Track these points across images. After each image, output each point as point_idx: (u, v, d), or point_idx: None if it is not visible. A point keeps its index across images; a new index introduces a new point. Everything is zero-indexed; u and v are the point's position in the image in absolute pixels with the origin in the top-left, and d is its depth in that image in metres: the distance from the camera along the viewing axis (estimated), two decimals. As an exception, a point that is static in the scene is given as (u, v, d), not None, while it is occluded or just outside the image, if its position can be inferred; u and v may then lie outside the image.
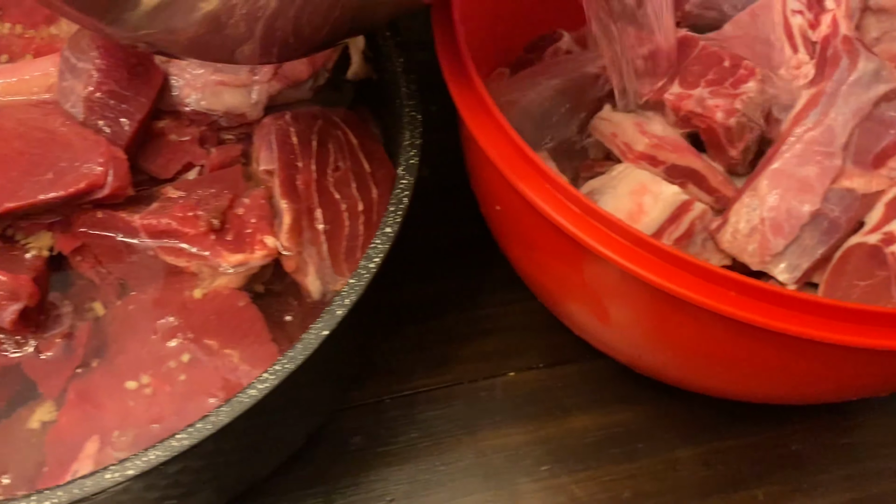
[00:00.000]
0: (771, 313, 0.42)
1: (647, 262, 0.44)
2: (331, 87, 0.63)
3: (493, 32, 0.70)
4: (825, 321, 0.42)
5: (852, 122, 0.56)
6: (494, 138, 0.49)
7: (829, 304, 0.42)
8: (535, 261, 0.57)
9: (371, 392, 0.69)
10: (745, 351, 0.48)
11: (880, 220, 0.57)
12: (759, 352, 0.48)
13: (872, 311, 0.41)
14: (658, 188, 0.53)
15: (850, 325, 0.42)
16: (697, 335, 0.49)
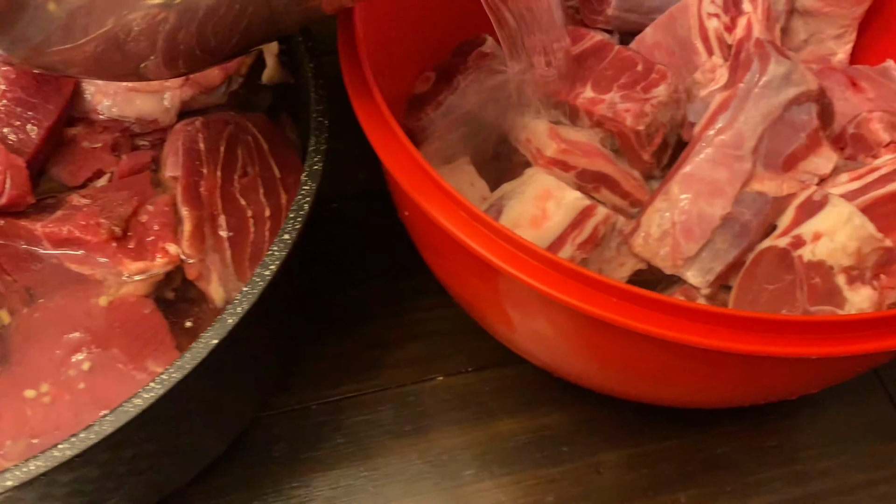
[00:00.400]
0: (665, 324, 0.42)
1: (543, 274, 0.44)
2: (249, 92, 0.63)
3: (420, 37, 0.70)
4: (715, 329, 0.42)
5: (762, 125, 0.56)
6: (394, 152, 0.49)
7: (716, 313, 0.42)
8: (442, 267, 0.57)
9: (297, 398, 0.69)
10: (646, 360, 0.48)
11: (790, 224, 0.56)
12: (661, 361, 0.48)
13: (762, 319, 0.41)
14: (561, 193, 0.53)
15: (738, 333, 0.41)
16: (595, 344, 0.49)
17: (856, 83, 0.68)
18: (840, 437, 0.69)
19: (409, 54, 0.71)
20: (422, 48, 0.71)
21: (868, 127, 0.62)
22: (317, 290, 0.72)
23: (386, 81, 0.66)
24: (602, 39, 0.62)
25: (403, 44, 0.69)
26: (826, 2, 0.69)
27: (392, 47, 0.66)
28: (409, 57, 0.71)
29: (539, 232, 0.53)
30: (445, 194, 0.45)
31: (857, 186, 0.57)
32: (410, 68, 0.71)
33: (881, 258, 0.56)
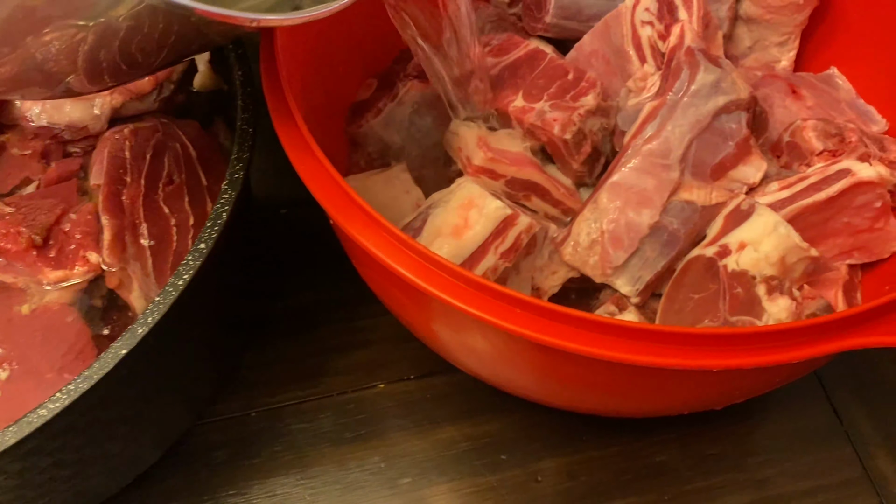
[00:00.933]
0: (565, 334, 0.42)
1: (453, 287, 0.44)
2: (185, 98, 0.63)
3: (362, 45, 0.70)
4: (614, 340, 0.42)
5: (689, 134, 0.56)
6: (311, 167, 0.48)
7: (614, 325, 0.41)
8: (367, 278, 0.57)
9: (238, 405, 0.69)
10: (557, 370, 0.48)
11: (718, 233, 0.56)
12: (572, 371, 0.48)
13: (656, 331, 0.41)
14: (483, 202, 0.53)
15: (634, 344, 0.41)
16: (510, 356, 0.49)
17: (796, 91, 0.67)
18: (782, 445, 0.68)
19: (354, 60, 0.71)
20: (367, 54, 0.71)
21: (802, 135, 0.62)
22: (261, 296, 0.72)
23: (330, 88, 0.67)
24: (536, 48, 0.62)
25: (347, 50, 0.69)
26: (767, 9, 0.69)
27: (335, 54, 0.66)
28: (354, 63, 0.71)
29: (460, 241, 0.53)
30: (359, 208, 0.45)
31: (787, 195, 0.57)
32: (357, 74, 0.71)
33: (808, 268, 0.56)
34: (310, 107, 0.62)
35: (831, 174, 0.56)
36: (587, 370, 0.46)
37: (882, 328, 0.42)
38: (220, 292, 0.57)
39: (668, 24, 0.62)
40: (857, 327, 0.42)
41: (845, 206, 0.57)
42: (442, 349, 0.57)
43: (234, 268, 0.59)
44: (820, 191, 0.56)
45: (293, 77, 0.57)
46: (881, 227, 0.59)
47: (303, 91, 0.59)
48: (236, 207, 0.52)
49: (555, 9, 0.65)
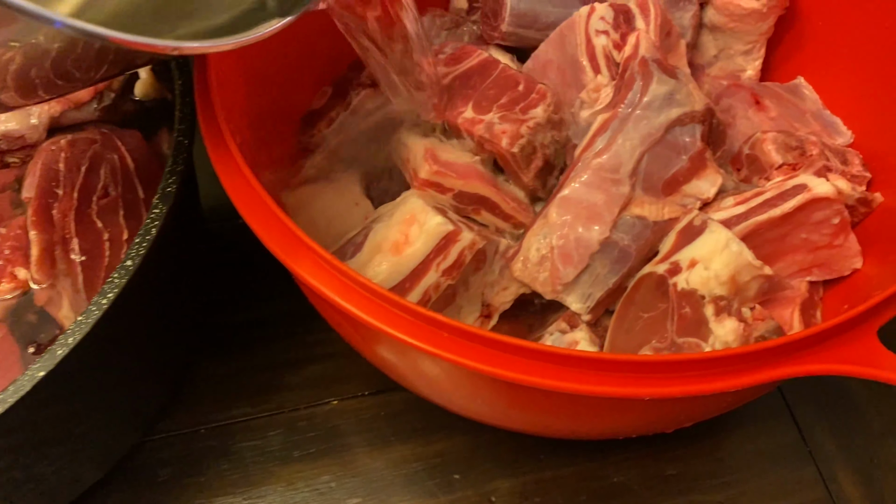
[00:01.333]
0: (486, 358, 0.40)
1: (385, 314, 0.42)
2: (130, 106, 0.62)
3: (316, 53, 0.68)
4: (541, 366, 0.40)
5: (640, 147, 0.55)
6: (246, 196, 0.46)
7: (543, 351, 0.40)
8: (308, 296, 0.55)
9: (187, 421, 0.67)
10: (493, 394, 0.47)
11: (670, 250, 0.55)
12: (506, 395, 0.46)
13: (579, 357, 0.39)
14: (424, 217, 0.51)
15: (562, 370, 0.40)
16: (442, 379, 0.47)
17: (760, 101, 0.66)
18: (744, 465, 0.66)
19: (310, 66, 0.69)
20: (323, 60, 0.70)
21: (761, 148, 0.60)
22: (211, 308, 0.71)
23: (284, 95, 0.65)
24: (487, 57, 0.60)
25: (303, 57, 0.67)
26: (730, 17, 0.67)
27: (290, 61, 0.64)
28: (310, 69, 0.69)
29: (400, 258, 0.51)
30: (290, 232, 0.44)
31: (742, 211, 0.55)
32: (312, 79, 0.69)
33: (763, 286, 0.54)
34: (259, 115, 0.60)
35: (787, 189, 0.55)
36: (522, 395, 0.45)
37: (822, 355, 0.40)
38: (156, 308, 0.55)
39: (624, 33, 0.60)
40: (795, 355, 0.40)
41: (802, 222, 0.55)
42: (385, 370, 0.56)
43: (173, 282, 0.57)
44: (775, 206, 0.54)
45: (237, 88, 0.55)
46: (840, 244, 0.57)
47: (249, 101, 0.58)
48: (168, 222, 0.50)
49: (510, 17, 0.64)
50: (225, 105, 0.49)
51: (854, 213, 0.60)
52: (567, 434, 0.58)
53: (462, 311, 0.59)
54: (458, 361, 0.40)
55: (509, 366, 0.40)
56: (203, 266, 0.64)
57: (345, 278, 0.42)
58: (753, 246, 0.55)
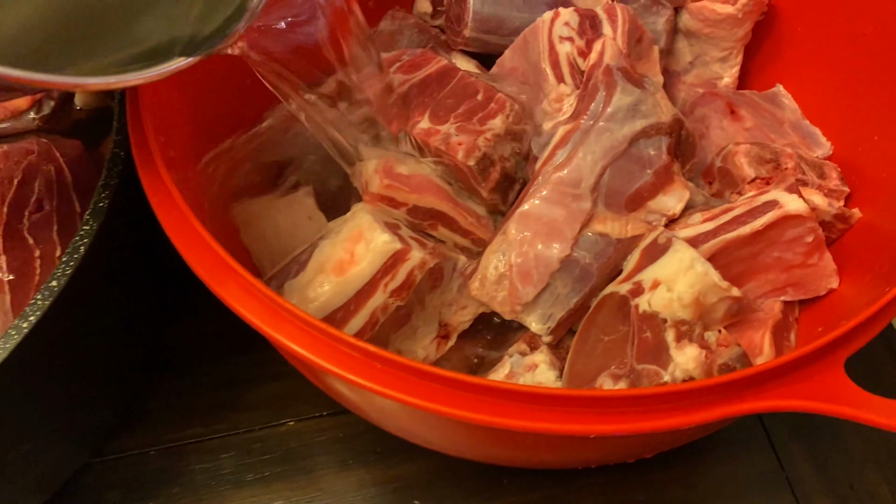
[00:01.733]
0: (421, 392, 0.37)
1: (313, 342, 0.39)
2: (85, 115, 0.59)
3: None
4: (476, 399, 0.37)
5: (602, 161, 0.52)
6: (174, 219, 0.44)
7: (477, 384, 0.37)
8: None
9: (137, 441, 0.64)
10: (437, 426, 0.44)
11: (633, 269, 0.52)
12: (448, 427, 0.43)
13: (519, 391, 0.36)
14: (371, 235, 0.48)
15: (499, 405, 0.37)
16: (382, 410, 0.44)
17: (735, 111, 0.63)
18: (717, 491, 0.63)
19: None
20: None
21: (733, 160, 0.57)
22: (163, 324, 0.68)
23: (236, 96, 0.62)
24: (447, 64, 0.57)
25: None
26: (705, 22, 0.64)
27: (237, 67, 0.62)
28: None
29: (344, 278, 0.48)
30: (212, 251, 0.41)
31: (710, 228, 0.52)
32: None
33: (731, 308, 0.51)
34: (208, 120, 0.57)
35: (757, 206, 0.52)
36: (471, 429, 0.42)
37: (783, 390, 0.37)
38: (94, 328, 0.53)
39: (589, 39, 0.58)
40: (753, 389, 0.37)
41: (774, 240, 0.52)
42: (335, 397, 0.53)
43: (111, 300, 0.54)
44: (745, 224, 0.51)
45: (176, 99, 0.52)
46: (815, 263, 0.54)
47: (193, 109, 0.55)
48: (100, 239, 0.48)
49: (473, 22, 0.61)
50: (159, 116, 0.47)
51: (831, 230, 0.57)
52: (524, 464, 0.55)
53: (418, 332, 0.56)
54: (391, 396, 0.37)
55: (448, 401, 0.37)
56: (150, 280, 0.61)
57: (272, 304, 0.39)
58: (723, 265, 0.53)
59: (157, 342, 0.66)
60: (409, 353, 0.56)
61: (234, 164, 0.61)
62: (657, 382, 0.45)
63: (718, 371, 0.46)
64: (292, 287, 0.48)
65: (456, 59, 0.65)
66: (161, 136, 0.46)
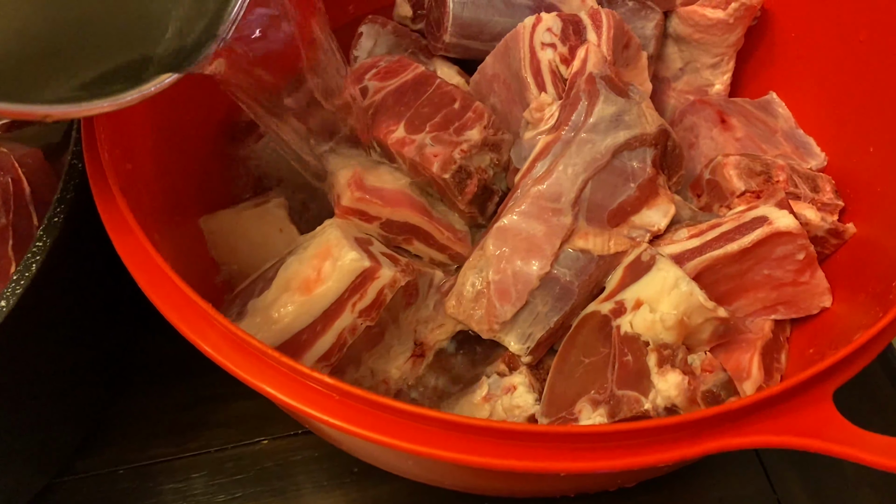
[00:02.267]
0: (367, 423, 0.35)
1: (264, 371, 0.37)
2: (32, 125, 0.57)
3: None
4: (422, 431, 0.35)
5: (584, 174, 0.49)
6: (125, 238, 0.41)
7: (424, 415, 0.35)
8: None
9: (104, 460, 0.62)
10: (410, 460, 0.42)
11: (615, 287, 0.49)
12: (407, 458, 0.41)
13: (464, 424, 0.34)
14: (339, 252, 0.46)
15: (445, 437, 0.34)
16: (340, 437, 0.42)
17: (726, 120, 0.60)
18: (706, 515, 0.61)
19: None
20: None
21: (722, 173, 0.54)
22: (132, 341, 0.65)
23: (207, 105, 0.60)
24: (423, 72, 0.55)
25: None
26: (696, 28, 0.62)
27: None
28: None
29: (309, 298, 0.46)
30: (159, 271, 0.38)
31: (696, 244, 0.50)
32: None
33: (718, 329, 0.49)
34: (177, 128, 0.55)
35: (746, 222, 0.49)
36: (434, 463, 0.39)
37: (767, 424, 0.35)
38: (50, 347, 0.50)
39: (573, 46, 0.55)
40: (736, 423, 0.35)
41: (764, 257, 0.50)
42: (300, 421, 0.51)
43: (69, 319, 0.52)
44: (733, 241, 0.49)
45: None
46: (806, 281, 0.51)
47: (154, 118, 0.53)
48: (54, 257, 0.45)
49: (453, 27, 0.59)
50: (115, 128, 0.45)
51: (824, 245, 0.54)
52: (501, 494, 0.53)
53: (392, 351, 0.54)
54: (350, 431, 0.35)
55: (413, 437, 0.35)
56: (111, 296, 0.59)
57: (224, 329, 0.37)
58: (710, 282, 0.50)
59: (121, 358, 0.64)
60: (382, 373, 0.54)
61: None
62: (637, 410, 0.43)
63: (702, 398, 0.43)
64: (256, 307, 0.46)
65: (437, 66, 0.63)
66: (116, 150, 0.44)
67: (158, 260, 0.38)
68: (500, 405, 0.51)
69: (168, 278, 0.38)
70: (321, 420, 0.35)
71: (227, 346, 0.37)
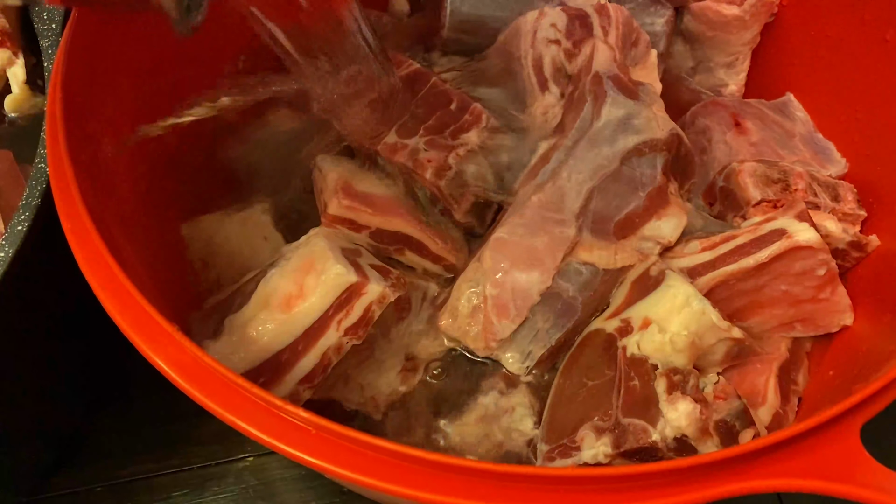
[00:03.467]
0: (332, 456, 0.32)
1: (248, 406, 0.34)
2: (6, 125, 0.53)
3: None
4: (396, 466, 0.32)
5: (589, 182, 0.46)
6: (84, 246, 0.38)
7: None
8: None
9: (82, 477, 0.59)
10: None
11: (622, 303, 0.46)
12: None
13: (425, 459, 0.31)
14: (323, 265, 0.43)
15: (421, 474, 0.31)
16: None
17: (740, 123, 0.57)
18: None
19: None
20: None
21: (737, 180, 0.51)
22: (109, 351, 0.62)
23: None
24: (417, 69, 0.51)
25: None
26: (709, 25, 0.58)
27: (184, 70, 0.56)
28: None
29: (290, 315, 0.42)
30: (118, 283, 0.35)
31: (709, 258, 0.47)
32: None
33: (732, 350, 0.45)
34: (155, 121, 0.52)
35: (763, 234, 0.46)
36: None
37: (787, 465, 0.32)
38: (15, 362, 0.47)
39: (578, 41, 0.52)
40: (752, 463, 0.32)
41: (782, 272, 0.46)
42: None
43: (37, 332, 0.49)
44: (749, 254, 0.46)
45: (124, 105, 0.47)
46: (826, 298, 0.48)
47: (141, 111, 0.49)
48: (17, 268, 0.42)
49: (451, 21, 0.55)
50: (82, 122, 0.41)
51: (845, 258, 0.51)
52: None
53: (383, 366, 0.51)
54: (327, 470, 0.32)
55: (393, 477, 0.31)
56: (83, 307, 0.55)
57: (192, 356, 0.33)
58: (723, 298, 0.47)
59: (98, 372, 0.60)
60: (371, 388, 0.51)
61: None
62: (644, 441, 0.40)
63: (714, 429, 0.40)
64: (233, 323, 0.43)
65: (436, 60, 0.59)
66: (84, 148, 0.40)
67: (121, 277, 0.35)
68: (496, 427, 0.48)
69: (133, 298, 0.35)
70: (297, 458, 0.32)
71: (196, 371, 0.34)
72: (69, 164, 0.38)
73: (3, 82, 0.52)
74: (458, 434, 0.48)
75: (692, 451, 0.40)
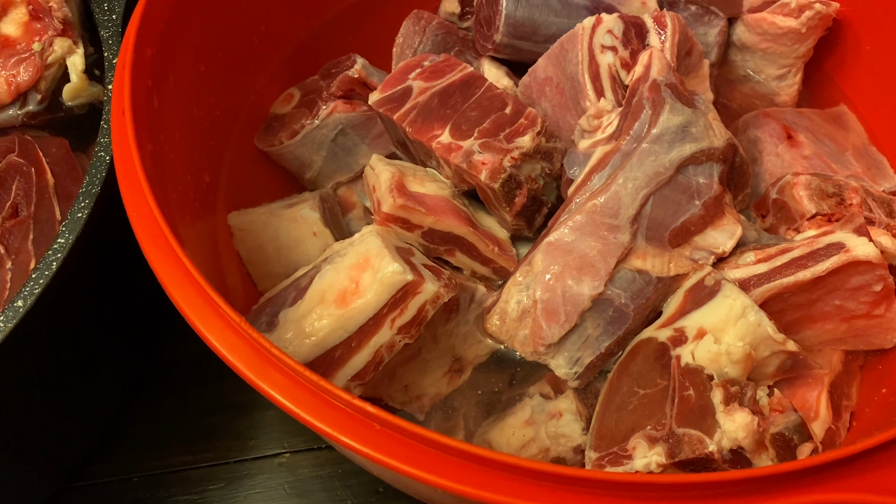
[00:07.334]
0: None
1: (310, 398, 0.34)
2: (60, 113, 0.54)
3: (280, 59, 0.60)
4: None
5: (646, 189, 0.46)
6: (152, 237, 0.38)
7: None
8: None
9: (118, 467, 0.59)
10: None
11: (675, 312, 0.46)
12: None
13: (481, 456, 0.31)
14: (379, 263, 0.43)
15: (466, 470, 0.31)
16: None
17: (792, 135, 0.56)
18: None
19: (279, 75, 0.61)
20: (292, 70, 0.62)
21: (792, 193, 0.51)
22: (151, 343, 0.62)
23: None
24: (472, 73, 0.51)
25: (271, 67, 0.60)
26: (763, 36, 0.58)
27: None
28: (278, 78, 0.61)
29: (345, 311, 0.42)
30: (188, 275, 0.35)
31: (764, 270, 0.46)
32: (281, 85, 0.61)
33: (785, 363, 0.45)
34: (206, 118, 0.52)
35: (820, 248, 0.45)
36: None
37: (844, 483, 0.31)
38: (66, 348, 0.48)
39: (634, 50, 0.51)
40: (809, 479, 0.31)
41: (837, 287, 0.46)
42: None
43: (88, 318, 0.49)
44: (805, 268, 0.45)
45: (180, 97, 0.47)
46: (881, 314, 0.47)
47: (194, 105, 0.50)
48: (76, 255, 0.43)
49: (505, 26, 0.55)
50: (145, 118, 0.41)
51: (900, 276, 0.50)
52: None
53: (429, 366, 0.50)
54: (389, 465, 0.32)
55: (457, 476, 0.31)
56: (133, 296, 0.56)
57: (255, 344, 0.34)
58: (776, 311, 0.46)
59: (139, 363, 0.61)
60: (417, 388, 0.50)
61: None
62: (700, 451, 0.39)
63: (771, 441, 0.39)
64: (287, 317, 0.43)
65: (484, 66, 0.59)
66: (146, 142, 0.41)
67: (188, 264, 0.35)
68: (543, 431, 0.48)
69: (197, 284, 0.35)
70: (362, 453, 0.32)
71: (260, 363, 0.34)
72: (136, 153, 0.38)
73: (63, 71, 0.53)
74: (502, 437, 0.48)
75: (747, 464, 0.40)
